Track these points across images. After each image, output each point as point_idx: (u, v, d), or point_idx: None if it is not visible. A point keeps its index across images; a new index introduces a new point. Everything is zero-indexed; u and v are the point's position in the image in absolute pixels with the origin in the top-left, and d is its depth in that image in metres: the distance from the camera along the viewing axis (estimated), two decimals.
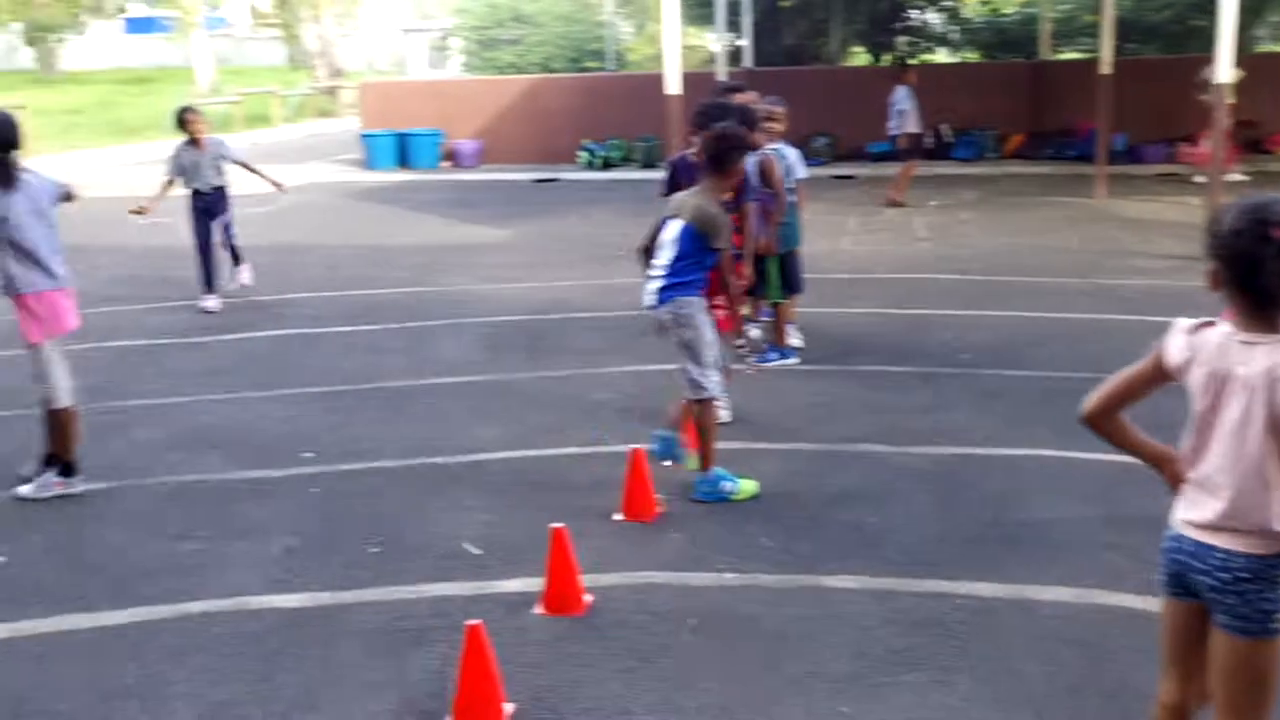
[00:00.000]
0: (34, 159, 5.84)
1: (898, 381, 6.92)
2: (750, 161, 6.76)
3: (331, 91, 36.72)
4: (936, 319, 8.49)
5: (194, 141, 9.22)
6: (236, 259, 9.74)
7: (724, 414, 5.71)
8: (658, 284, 5.11)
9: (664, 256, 5.09)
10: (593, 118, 19.87)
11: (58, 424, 5.35)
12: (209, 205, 9.32)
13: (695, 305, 5.10)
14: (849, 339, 7.94)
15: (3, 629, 4.13)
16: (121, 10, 63.85)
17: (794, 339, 7.53)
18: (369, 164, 20.22)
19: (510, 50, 26.10)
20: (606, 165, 19.25)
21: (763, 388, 6.71)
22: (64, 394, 5.33)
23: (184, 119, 9.29)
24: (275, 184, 9.95)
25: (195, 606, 4.25)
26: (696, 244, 5.02)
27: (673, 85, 10.81)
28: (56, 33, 49.81)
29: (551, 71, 24.98)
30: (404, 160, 20.20)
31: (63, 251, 5.32)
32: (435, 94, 21.62)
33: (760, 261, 6.84)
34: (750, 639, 3.94)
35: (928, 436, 5.88)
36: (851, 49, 28.23)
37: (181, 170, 9.23)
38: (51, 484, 5.35)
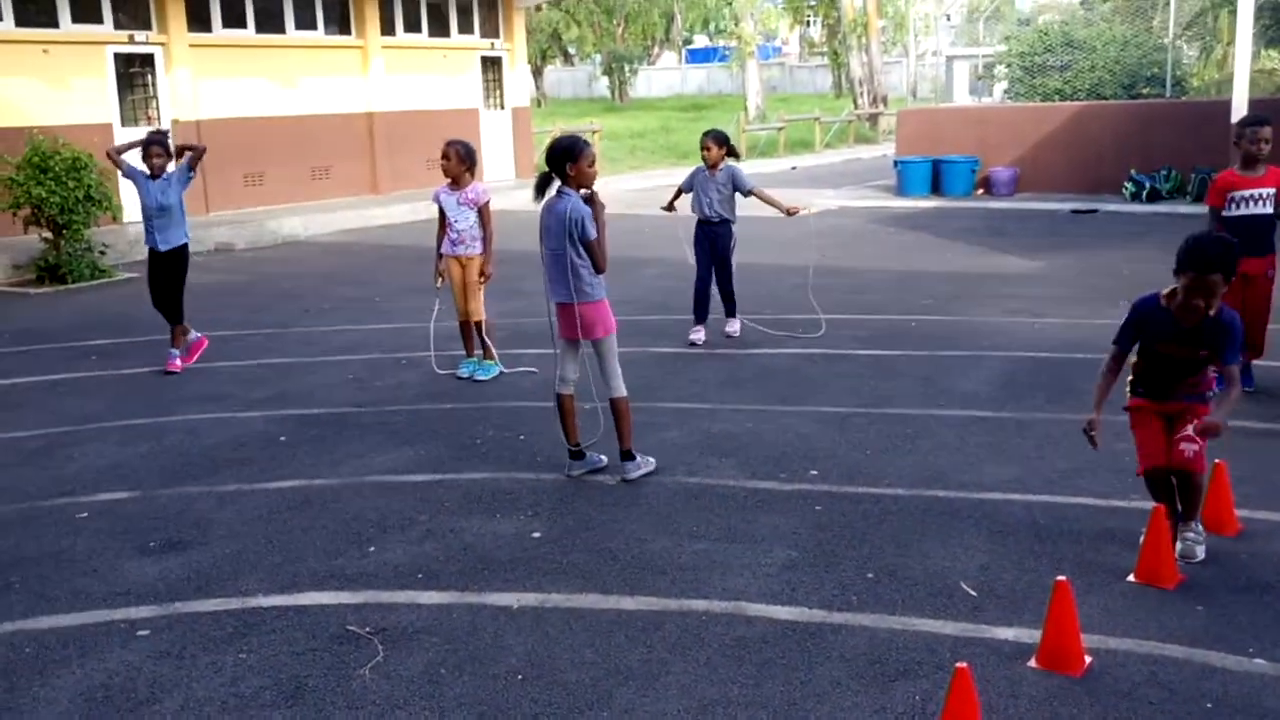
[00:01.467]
0: (605, 178, 6.39)
1: None
2: None
3: (873, 119, 37.29)
4: None
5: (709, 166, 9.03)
6: (730, 308, 9.30)
7: None
8: None
9: None
10: (1143, 146, 18.58)
11: (617, 412, 5.94)
12: (712, 235, 9.18)
13: None
14: None
15: (533, 598, 4.60)
16: (688, 41, 69.06)
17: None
18: (901, 190, 20.29)
19: (1059, 77, 25.05)
20: (1153, 197, 17.93)
21: None
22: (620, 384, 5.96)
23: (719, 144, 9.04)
24: (788, 210, 8.94)
25: (698, 604, 4.49)
26: None
27: (1240, 111, 9.87)
28: (630, 63, 54.79)
29: (1102, 98, 23.67)
30: (936, 187, 20.06)
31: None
32: (974, 120, 21.25)
33: None
34: None
35: None
36: None
37: (689, 187, 9.23)
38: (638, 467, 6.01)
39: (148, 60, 17.31)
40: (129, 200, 13.77)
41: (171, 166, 8.68)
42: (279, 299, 11.79)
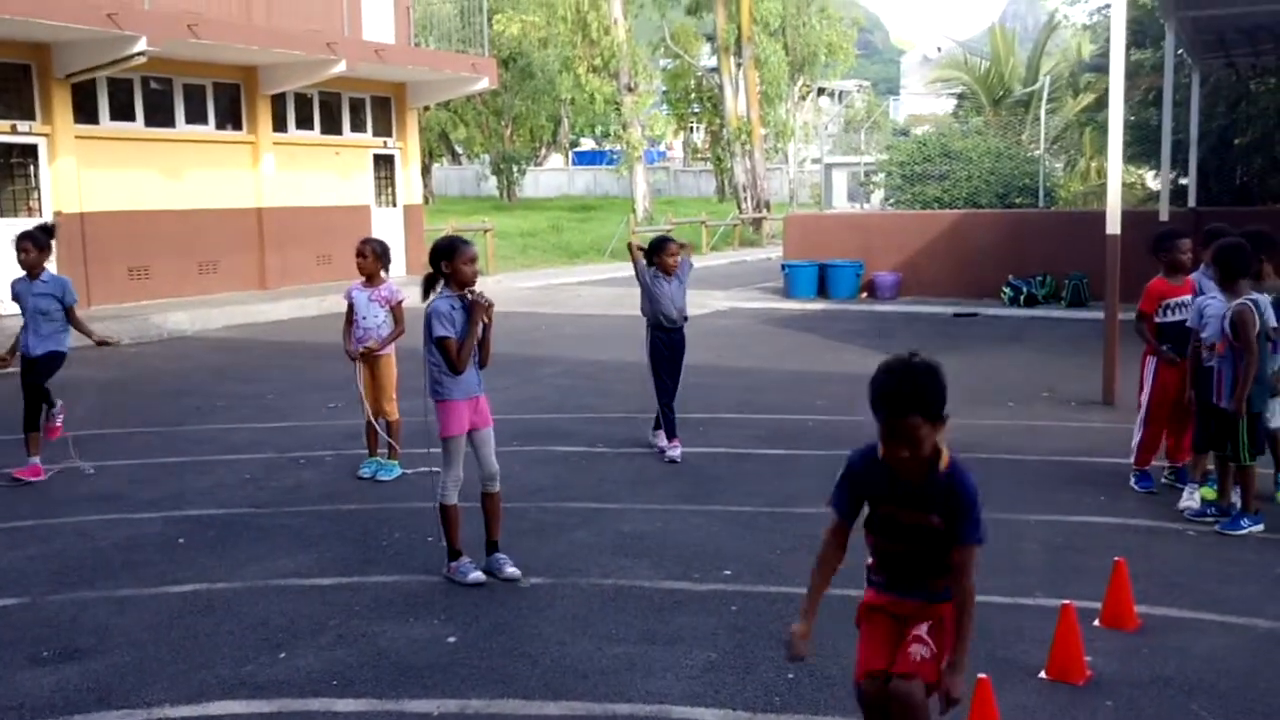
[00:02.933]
0: (497, 276, 6.44)
1: None
2: (1222, 312, 6.49)
3: (756, 223, 38.26)
4: None
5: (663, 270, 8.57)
6: (659, 426, 8.75)
7: None
8: None
9: None
10: (1019, 253, 19.43)
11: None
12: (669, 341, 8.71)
13: None
14: None
15: (453, 705, 4.51)
16: (574, 144, 70.20)
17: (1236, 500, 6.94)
18: (789, 292, 20.79)
19: (937, 185, 26.12)
20: (1030, 302, 18.69)
21: (1216, 554, 6.23)
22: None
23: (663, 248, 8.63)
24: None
25: (622, 708, 4.46)
26: None
27: (1113, 224, 10.42)
28: (518, 164, 55.43)
29: (979, 206, 24.73)
30: (823, 290, 20.61)
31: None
32: (859, 226, 21.98)
33: (1229, 419, 6.52)
34: None
35: None
36: None
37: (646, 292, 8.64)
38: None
39: (29, 150, 16.94)
40: None
41: (51, 265, 8.16)
42: (168, 396, 11.49)
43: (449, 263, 5.80)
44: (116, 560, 6.32)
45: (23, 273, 8.17)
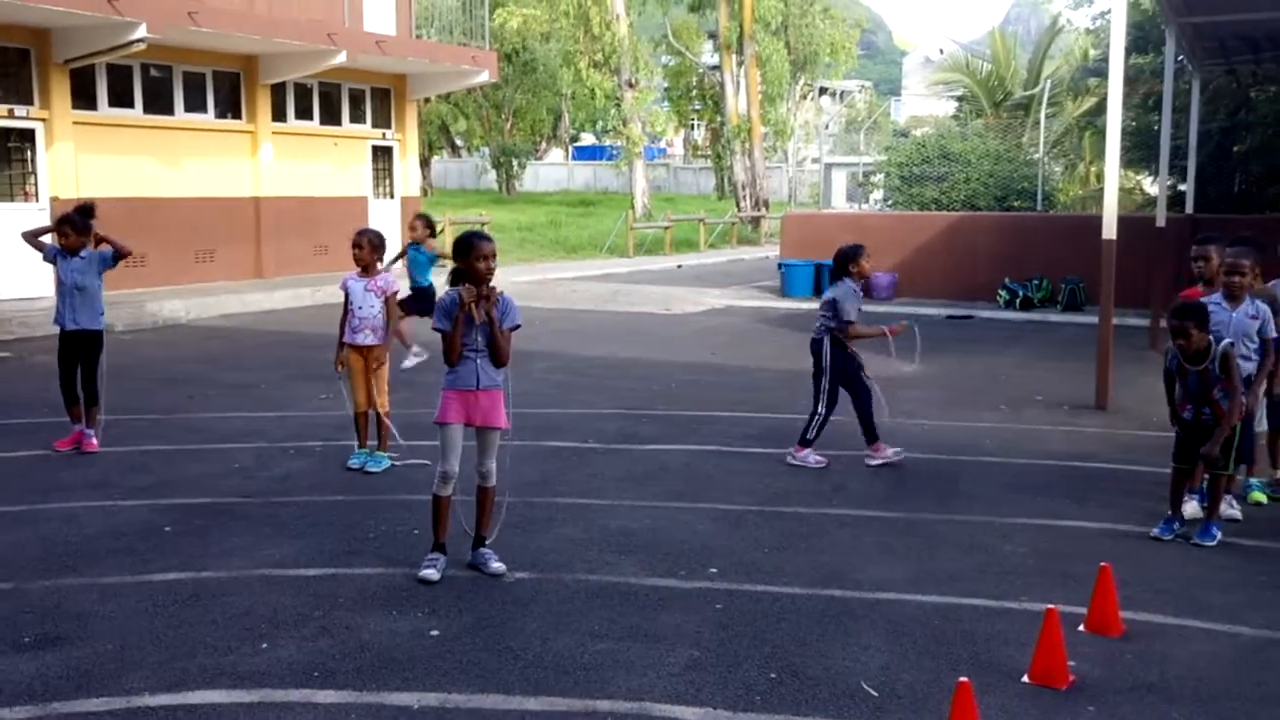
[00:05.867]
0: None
1: None
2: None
3: (755, 221, 38.24)
4: None
5: None
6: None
7: None
8: None
9: None
10: (1016, 256, 19.44)
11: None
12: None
13: None
14: None
15: (433, 698, 4.50)
16: (575, 139, 70.16)
17: (1233, 510, 6.94)
18: (785, 291, 20.78)
19: (935, 187, 26.11)
20: (1025, 305, 18.69)
21: (1203, 561, 6.24)
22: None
23: None
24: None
25: (603, 705, 4.45)
26: None
27: (1109, 229, 10.41)
28: (518, 158, 55.41)
29: (976, 209, 24.73)
30: (819, 289, 20.58)
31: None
32: (855, 227, 21.93)
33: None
34: None
35: None
36: None
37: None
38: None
39: (27, 135, 16.90)
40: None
41: (89, 248, 8.49)
42: (161, 384, 11.46)
43: (463, 259, 5.82)
44: (102, 547, 6.30)
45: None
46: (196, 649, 4.93)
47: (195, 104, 19.43)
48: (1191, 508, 6.85)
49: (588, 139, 72.01)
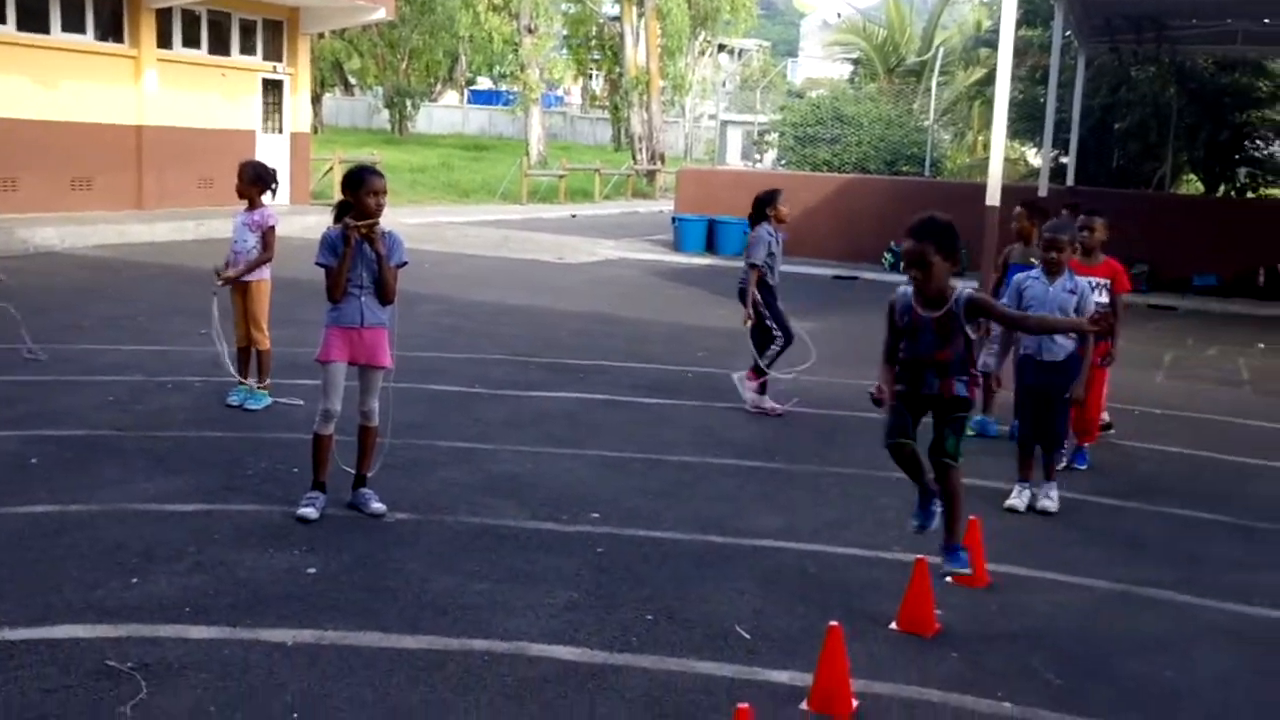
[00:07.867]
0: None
1: (1208, 530, 6.48)
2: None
3: (650, 175, 38.23)
4: (1257, 470, 7.90)
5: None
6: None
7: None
8: None
9: None
10: (903, 220, 19.63)
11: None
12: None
13: None
14: (1153, 477, 7.53)
15: (309, 635, 4.46)
16: (470, 82, 69.02)
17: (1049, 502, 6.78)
18: (678, 246, 20.87)
19: (828, 149, 26.40)
20: None
21: (1068, 519, 6.50)
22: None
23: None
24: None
25: (480, 644, 4.46)
26: None
27: (993, 196, 10.67)
28: (413, 98, 54.33)
29: (867, 172, 25.08)
30: (711, 245, 20.72)
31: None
32: (748, 185, 22.05)
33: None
34: None
35: (1241, 593, 5.46)
36: (1184, 176, 26.94)
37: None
38: None
39: None
40: None
41: None
42: (32, 313, 11.01)
43: (353, 193, 5.71)
44: None
45: None
46: (62, 583, 4.80)
47: (73, 24, 18.61)
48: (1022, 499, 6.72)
49: (484, 83, 70.92)
